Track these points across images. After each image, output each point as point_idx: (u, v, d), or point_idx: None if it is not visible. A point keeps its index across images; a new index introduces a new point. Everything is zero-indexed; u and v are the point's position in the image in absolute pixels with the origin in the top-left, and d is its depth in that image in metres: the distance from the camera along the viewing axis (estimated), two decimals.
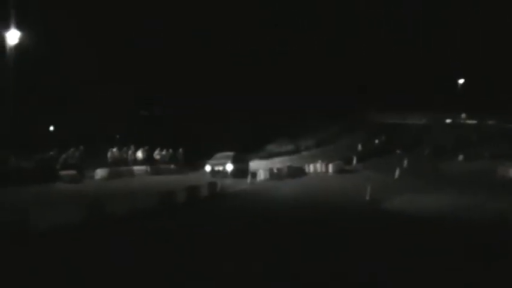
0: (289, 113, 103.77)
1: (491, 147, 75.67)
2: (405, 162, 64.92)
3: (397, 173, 55.81)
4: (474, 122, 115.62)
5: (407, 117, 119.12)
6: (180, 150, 67.19)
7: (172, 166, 64.28)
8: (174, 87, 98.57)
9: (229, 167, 56.52)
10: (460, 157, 70.75)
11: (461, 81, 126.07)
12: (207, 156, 62.64)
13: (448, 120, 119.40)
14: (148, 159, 62.97)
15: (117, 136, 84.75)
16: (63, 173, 47.93)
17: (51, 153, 50.66)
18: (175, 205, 34.28)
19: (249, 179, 51.39)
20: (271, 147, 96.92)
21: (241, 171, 56.68)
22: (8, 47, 50.19)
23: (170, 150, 66.92)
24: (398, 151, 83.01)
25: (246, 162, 62.02)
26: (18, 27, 50.98)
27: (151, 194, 34.47)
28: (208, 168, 57.91)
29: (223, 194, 43.28)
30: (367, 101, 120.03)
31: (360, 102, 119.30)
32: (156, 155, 65.26)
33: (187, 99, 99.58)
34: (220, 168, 56.67)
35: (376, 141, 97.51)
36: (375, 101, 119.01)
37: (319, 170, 63.03)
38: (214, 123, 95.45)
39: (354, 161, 72.42)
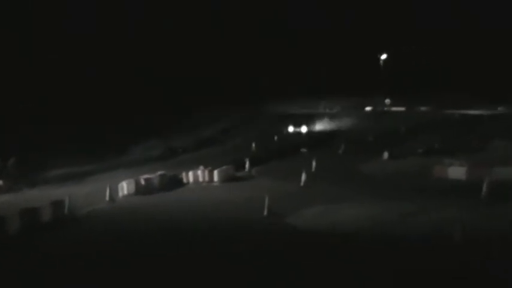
0: (159, 107, 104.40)
1: (425, 141, 78.78)
2: (314, 164, 66.26)
3: (303, 178, 56.80)
4: (402, 109, 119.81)
5: (316, 105, 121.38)
6: (12, 160, 65.62)
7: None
8: None
9: None
10: (385, 155, 72.97)
11: (383, 56, 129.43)
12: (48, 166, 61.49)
13: (368, 108, 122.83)
14: None
15: None
16: None
17: None
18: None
19: (107, 195, 50.87)
20: (137, 151, 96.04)
21: None
22: None
23: None
24: (303, 150, 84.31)
25: None
26: None
27: None
28: None
29: (73, 218, 42.70)
30: (263, 91, 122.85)
31: (253, 93, 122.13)
32: None
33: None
34: None
35: (276, 137, 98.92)
36: (273, 89, 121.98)
37: (201, 178, 63.13)
38: (51, 124, 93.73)
39: (247, 166, 73.00)
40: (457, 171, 56.08)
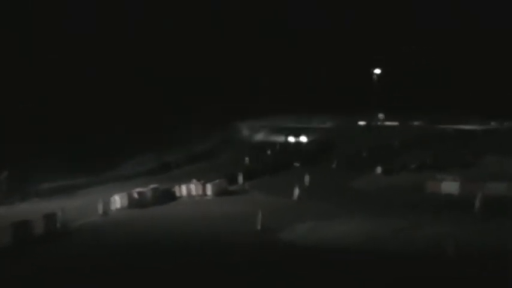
0: (152, 121, 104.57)
1: (418, 156, 79.03)
2: (306, 179, 66.39)
3: (296, 193, 56.91)
4: (395, 123, 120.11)
5: (310, 119, 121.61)
6: (5, 174, 65.47)
7: None
8: None
9: None
10: (378, 169, 73.35)
11: (377, 71, 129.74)
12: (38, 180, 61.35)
13: (361, 122, 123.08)
14: None
15: None
16: None
17: None
18: None
19: (100, 208, 50.81)
20: (130, 165, 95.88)
21: None
22: None
23: None
24: (296, 164, 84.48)
25: None
26: None
27: None
28: None
29: (65, 231, 42.62)
30: (257, 104, 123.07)
31: (245, 106, 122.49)
32: None
33: None
34: None
35: (269, 151, 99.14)
36: (266, 102, 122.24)
37: (194, 192, 63.22)
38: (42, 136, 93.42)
39: (240, 179, 73.10)
40: (450, 186, 56.31)
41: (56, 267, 31.45)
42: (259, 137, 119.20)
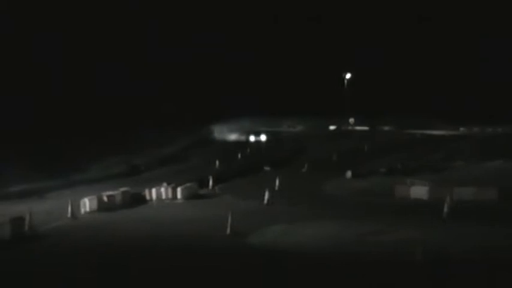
0: (120, 123, 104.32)
1: (388, 160, 79.50)
2: (277, 183, 66.52)
3: (266, 197, 56.96)
4: (365, 128, 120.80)
5: (280, 123, 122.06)
6: None
7: None
8: None
9: None
10: (348, 174, 73.53)
11: (348, 75, 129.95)
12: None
13: (332, 127, 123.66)
14: None
15: None
16: None
17: None
18: None
19: (69, 211, 50.46)
20: (99, 168, 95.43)
21: None
22: None
23: None
24: (267, 168, 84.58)
25: None
26: None
27: None
28: None
29: (34, 235, 42.24)
30: (228, 106, 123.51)
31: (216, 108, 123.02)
32: None
33: None
34: None
35: (239, 155, 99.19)
36: (237, 105, 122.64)
37: (164, 196, 63.07)
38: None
39: (210, 183, 73.07)
40: (419, 191, 56.58)
41: (23, 272, 31.31)
42: (230, 139, 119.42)
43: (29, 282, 29.94)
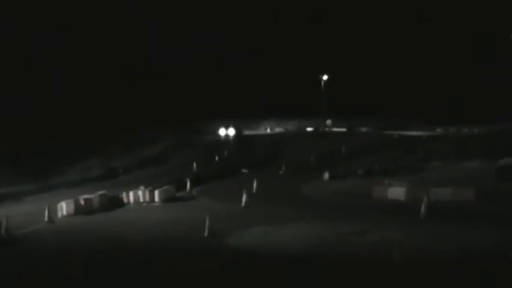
0: (97, 125, 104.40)
1: (365, 162, 79.73)
2: (255, 185, 66.57)
3: (244, 199, 56.98)
4: (343, 130, 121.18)
5: (258, 124, 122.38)
6: None
7: None
8: None
9: None
10: (326, 175, 73.58)
11: (324, 77, 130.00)
12: None
13: (309, 129, 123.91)
14: None
15: None
16: None
17: None
18: None
19: (46, 215, 50.22)
20: (76, 171, 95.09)
21: None
22: None
23: None
24: (244, 170, 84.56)
25: None
26: None
27: None
28: None
29: (10, 239, 42.03)
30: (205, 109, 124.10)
31: (193, 113, 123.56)
32: None
33: None
34: None
35: (217, 157, 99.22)
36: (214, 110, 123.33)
37: (141, 199, 63.06)
38: None
39: (188, 186, 73.11)
40: (396, 192, 56.72)
41: None
42: (208, 141, 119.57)
43: (5, 284, 29.85)
